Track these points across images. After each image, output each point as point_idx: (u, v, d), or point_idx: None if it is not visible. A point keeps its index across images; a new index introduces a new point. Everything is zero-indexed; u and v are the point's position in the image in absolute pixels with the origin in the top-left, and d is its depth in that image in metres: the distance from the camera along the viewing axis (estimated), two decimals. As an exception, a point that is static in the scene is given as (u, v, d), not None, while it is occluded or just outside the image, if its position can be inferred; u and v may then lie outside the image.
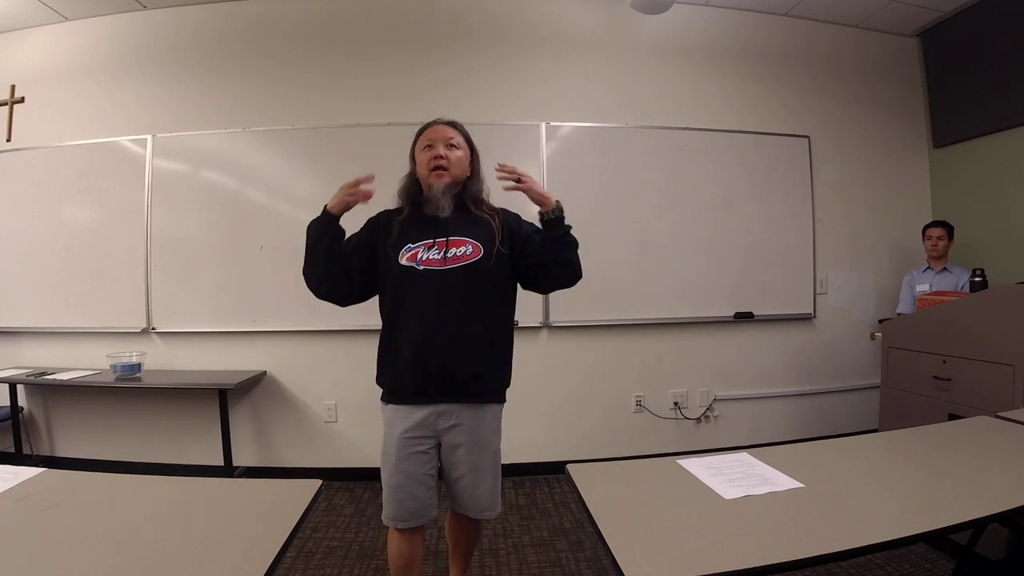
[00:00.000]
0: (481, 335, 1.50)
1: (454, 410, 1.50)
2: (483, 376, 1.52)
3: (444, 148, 1.55)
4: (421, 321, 1.48)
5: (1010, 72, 3.03)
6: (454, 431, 1.51)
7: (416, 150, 1.64)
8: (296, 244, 3.17)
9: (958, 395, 2.21)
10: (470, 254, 1.50)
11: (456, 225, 1.53)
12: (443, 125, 1.62)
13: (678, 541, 0.93)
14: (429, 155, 1.55)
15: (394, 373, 1.53)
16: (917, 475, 1.21)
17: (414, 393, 1.50)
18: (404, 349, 1.50)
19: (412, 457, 1.49)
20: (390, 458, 1.51)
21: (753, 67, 3.38)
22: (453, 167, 1.54)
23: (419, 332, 1.48)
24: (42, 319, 3.12)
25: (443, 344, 1.47)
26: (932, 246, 3.04)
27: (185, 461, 3.07)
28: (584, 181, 3.11)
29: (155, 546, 0.93)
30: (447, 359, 1.47)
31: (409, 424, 1.49)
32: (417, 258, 1.50)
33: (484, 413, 1.54)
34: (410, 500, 1.49)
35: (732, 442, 3.25)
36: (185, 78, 3.14)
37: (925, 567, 2.03)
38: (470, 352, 1.49)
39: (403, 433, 1.49)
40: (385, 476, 1.52)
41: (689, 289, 3.22)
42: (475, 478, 1.53)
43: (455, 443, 1.52)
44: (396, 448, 1.49)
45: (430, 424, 1.50)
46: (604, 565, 2.11)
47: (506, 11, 3.19)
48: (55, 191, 3.12)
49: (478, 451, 1.52)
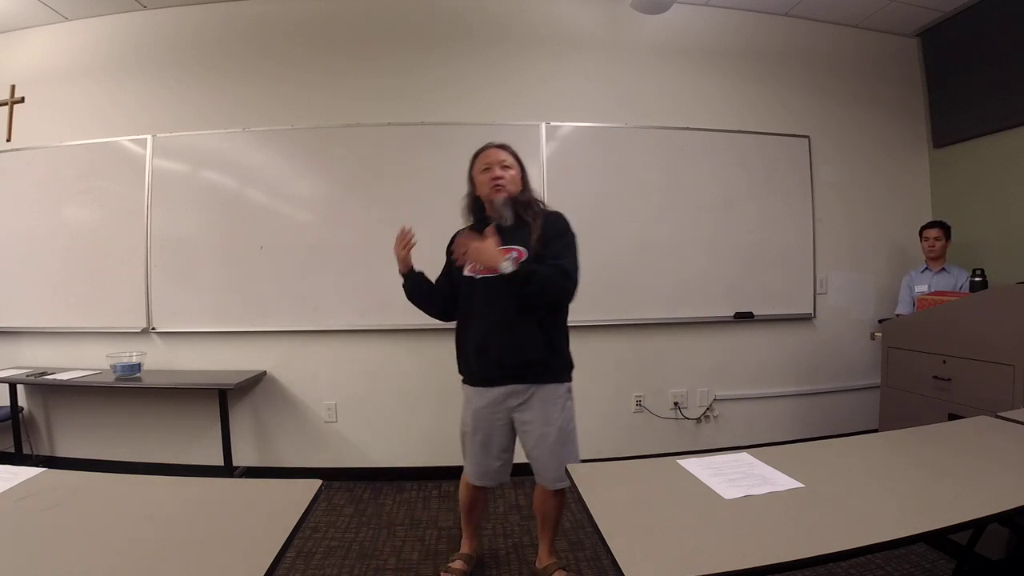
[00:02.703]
0: (531, 327, 1.75)
1: (520, 390, 1.79)
2: (536, 361, 1.77)
3: (500, 169, 1.81)
4: (479, 322, 1.79)
5: (1010, 72, 3.03)
6: (522, 410, 1.80)
7: (475, 172, 1.89)
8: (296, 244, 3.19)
9: (958, 395, 2.21)
10: (515, 259, 1.70)
11: (510, 234, 1.76)
12: (495, 148, 1.86)
13: (678, 541, 0.93)
14: (488, 176, 1.81)
15: (465, 363, 1.88)
16: (917, 475, 1.21)
17: (482, 379, 1.83)
18: (469, 345, 1.83)
19: (482, 429, 1.84)
20: (466, 427, 1.88)
21: (753, 67, 3.38)
22: (508, 184, 1.80)
23: (478, 331, 1.79)
24: (42, 319, 3.12)
25: (497, 339, 1.76)
26: (929, 247, 3.04)
27: (185, 461, 3.07)
28: (584, 181, 3.12)
29: (155, 546, 0.93)
30: (502, 351, 1.75)
31: (482, 402, 1.82)
32: (477, 268, 1.76)
33: (547, 392, 1.80)
34: (479, 466, 1.88)
35: (732, 442, 3.25)
36: (185, 78, 3.14)
37: (925, 567, 2.03)
38: (521, 343, 1.75)
39: (477, 409, 1.84)
40: (465, 443, 1.91)
41: (689, 289, 3.22)
42: (542, 451, 1.79)
43: (523, 420, 1.81)
44: (471, 420, 1.85)
45: (500, 402, 1.80)
46: (604, 565, 2.11)
47: (506, 11, 3.19)
48: (55, 191, 3.12)
49: (543, 427, 1.78)
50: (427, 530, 2.46)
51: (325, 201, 3.07)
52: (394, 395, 3.09)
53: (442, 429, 3.07)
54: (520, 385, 1.78)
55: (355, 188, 3.05)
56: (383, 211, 3.02)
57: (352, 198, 3.05)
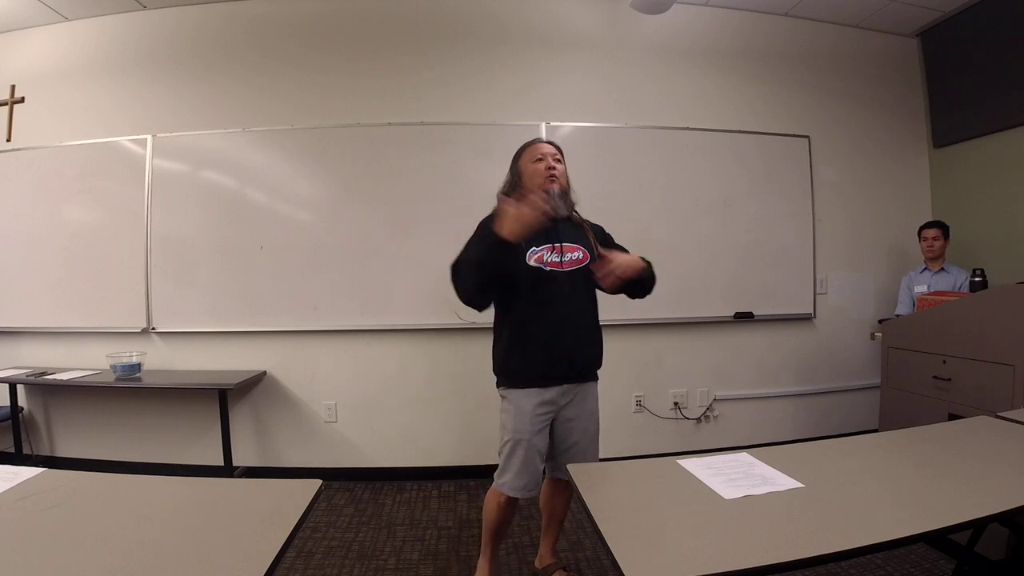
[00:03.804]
0: (593, 326, 1.82)
1: (571, 389, 1.77)
2: (596, 358, 1.83)
3: (553, 160, 1.77)
4: (552, 316, 1.71)
5: (1010, 72, 3.03)
6: (570, 406, 1.78)
7: (523, 162, 1.81)
8: (296, 244, 3.18)
9: (958, 395, 2.21)
10: (581, 259, 1.77)
11: (565, 232, 1.76)
12: (546, 143, 1.83)
13: (678, 541, 0.93)
14: (542, 165, 1.75)
15: (525, 360, 1.74)
16: (917, 475, 1.21)
17: (541, 377, 1.73)
18: (536, 339, 1.72)
19: (540, 433, 1.74)
20: (523, 435, 1.71)
21: (753, 67, 3.38)
22: (561, 177, 1.77)
23: (550, 325, 1.71)
24: (42, 319, 3.12)
25: (568, 335, 1.73)
26: (928, 247, 3.04)
27: (185, 461, 3.07)
28: (584, 181, 3.07)
29: (155, 546, 0.93)
30: (571, 347, 1.74)
31: (538, 401, 1.72)
32: (544, 260, 1.71)
33: (591, 388, 1.85)
34: (532, 476, 1.73)
35: (732, 442, 3.25)
36: (185, 78, 3.14)
37: (925, 567, 2.03)
38: (587, 341, 1.79)
39: (534, 410, 1.72)
40: (520, 452, 1.71)
41: (689, 289, 3.22)
42: (586, 444, 1.81)
43: (569, 416, 1.78)
44: (529, 424, 1.72)
45: (554, 402, 1.75)
46: (604, 565, 2.11)
47: (506, 11, 3.19)
48: (55, 191, 3.12)
49: (588, 421, 1.81)
50: (427, 530, 2.46)
51: (325, 201, 3.07)
52: (394, 395, 3.09)
53: (442, 429, 3.08)
54: (573, 384, 1.77)
55: (355, 188, 3.05)
56: (383, 211, 3.02)
57: (352, 198, 3.05)
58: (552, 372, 1.73)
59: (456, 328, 3.01)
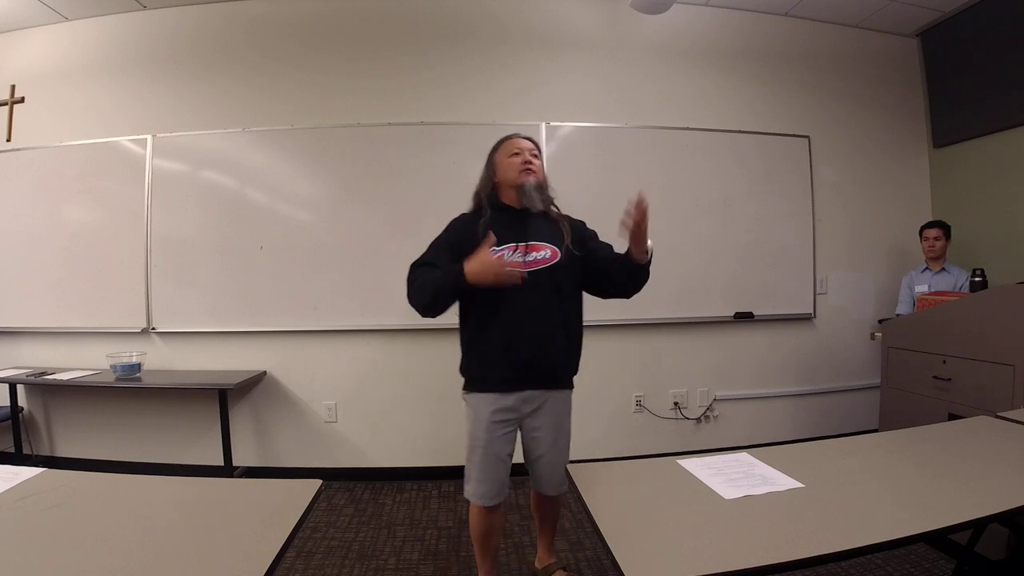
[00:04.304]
0: (559, 329, 1.70)
1: (536, 395, 1.70)
2: (561, 365, 1.73)
3: (530, 155, 1.75)
4: (508, 318, 1.65)
5: (1010, 72, 3.03)
6: (536, 415, 1.71)
7: (499, 156, 1.79)
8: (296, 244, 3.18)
9: (958, 395, 2.21)
10: (548, 258, 1.70)
11: (535, 228, 1.71)
12: (524, 139, 1.80)
13: (678, 541, 0.93)
14: (519, 159, 1.73)
15: (483, 364, 1.70)
16: (917, 475, 1.21)
17: (500, 381, 1.67)
18: (493, 343, 1.67)
19: (499, 439, 1.68)
20: (479, 441, 1.68)
21: (753, 67, 3.37)
22: (538, 171, 1.75)
23: (507, 328, 1.65)
24: (42, 319, 3.12)
25: (528, 338, 1.65)
26: (929, 247, 3.04)
27: (185, 461, 3.07)
28: (584, 181, 3.11)
29: (155, 546, 0.93)
30: (532, 351, 1.66)
31: (496, 407, 1.67)
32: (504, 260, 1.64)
33: (560, 397, 1.75)
34: (494, 483, 1.68)
35: (732, 442, 3.25)
36: (185, 78, 3.14)
37: (925, 567, 2.03)
38: (551, 344, 1.69)
39: (491, 416, 1.67)
40: (476, 459, 1.69)
41: (689, 289, 3.21)
42: (554, 456, 1.72)
43: (536, 425, 1.71)
44: (485, 431, 1.67)
45: (515, 408, 1.68)
46: (604, 565, 2.11)
47: (506, 11, 3.19)
48: (55, 191, 3.12)
49: (556, 432, 1.73)
50: (427, 530, 2.46)
51: (325, 201, 3.07)
52: (394, 395, 3.08)
53: (442, 429, 3.08)
54: (537, 391, 1.69)
55: (355, 188, 3.05)
56: (383, 211, 3.02)
57: (352, 198, 3.05)
58: (512, 377, 1.66)
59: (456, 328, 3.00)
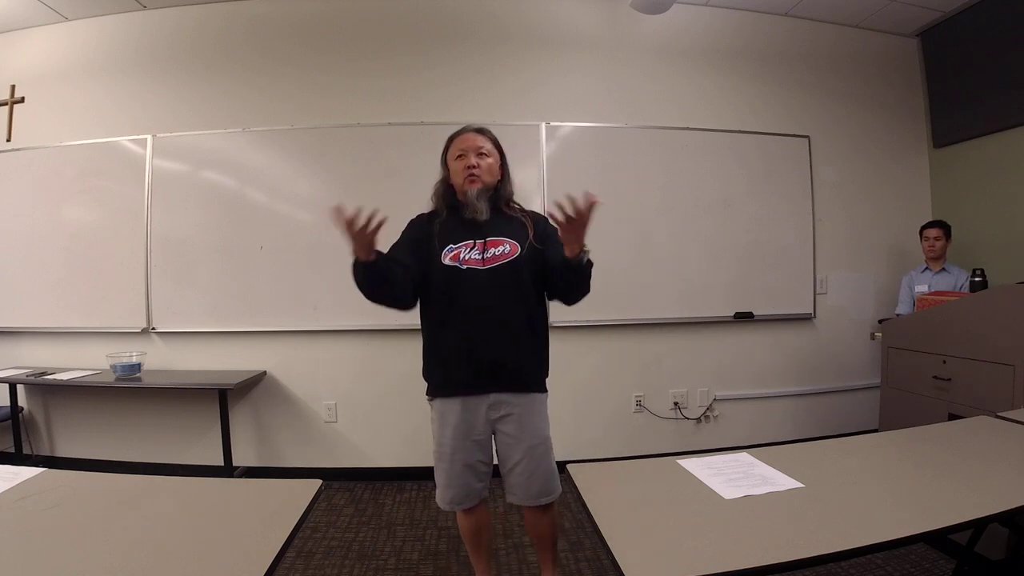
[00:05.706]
0: (524, 327, 1.60)
1: (503, 400, 1.59)
2: (528, 366, 1.63)
3: (475, 157, 1.61)
4: (468, 317, 1.56)
5: (1010, 72, 3.03)
6: (506, 421, 1.60)
7: (448, 158, 1.69)
8: (296, 244, 3.18)
9: (958, 395, 2.21)
10: (508, 252, 1.59)
11: (492, 226, 1.61)
12: (472, 133, 1.67)
13: (678, 541, 0.93)
14: (462, 164, 1.62)
15: (444, 368, 1.61)
16: (917, 475, 1.21)
17: (463, 385, 1.59)
18: (453, 345, 1.58)
19: (467, 446, 1.60)
20: (445, 449, 1.61)
21: (753, 67, 3.37)
22: (484, 174, 1.62)
23: (467, 328, 1.56)
24: (42, 319, 3.12)
25: (490, 338, 1.56)
26: (929, 247, 3.04)
27: (185, 461, 3.07)
28: (584, 181, 3.07)
29: (155, 546, 0.93)
30: (495, 352, 1.56)
31: (460, 412, 1.59)
32: (460, 258, 1.58)
33: (532, 402, 1.62)
34: (465, 487, 1.62)
35: (732, 442, 3.25)
36: (185, 78, 3.14)
37: (925, 567, 2.03)
38: (516, 344, 1.59)
39: (457, 424, 1.59)
40: (444, 466, 1.62)
41: (689, 289, 3.22)
42: (529, 464, 1.60)
43: (507, 432, 1.61)
44: (451, 439, 1.60)
45: (482, 414, 1.60)
46: (604, 565, 2.11)
47: (506, 11, 3.19)
48: (55, 191, 3.12)
49: (530, 439, 1.61)
50: (427, 530, 2.47)
51: (325, 201, 3.04)
52: (394, 395, 3.08)
53: (442, 429, 3.07)
54: (505, 395, 1.59)
55: (355, 188, 3.05)
56: (383, 211, 3.01)
57: (352, 198, 2.98)
58: (475, 380, 1.57)
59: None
